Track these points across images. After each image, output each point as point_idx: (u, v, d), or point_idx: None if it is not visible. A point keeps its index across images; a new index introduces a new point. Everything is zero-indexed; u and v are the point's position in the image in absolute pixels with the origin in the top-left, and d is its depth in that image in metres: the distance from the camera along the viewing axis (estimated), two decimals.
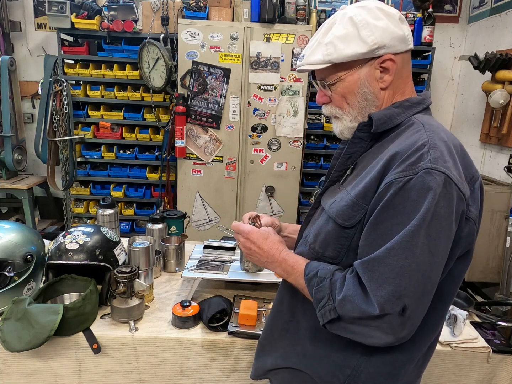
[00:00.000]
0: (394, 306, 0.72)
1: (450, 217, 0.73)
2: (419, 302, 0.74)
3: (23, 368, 1.24)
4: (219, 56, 2.96)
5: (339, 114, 0.91)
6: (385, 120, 0.85)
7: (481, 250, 2.58)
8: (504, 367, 1.28)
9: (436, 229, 0.72)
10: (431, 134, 0.79)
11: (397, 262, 0.72)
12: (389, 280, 0.72)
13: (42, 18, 3.53)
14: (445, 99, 3.65)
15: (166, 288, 1.54)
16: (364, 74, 0.86)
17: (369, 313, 0.73)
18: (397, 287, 0.72)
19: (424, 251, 0.72)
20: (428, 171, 0.72)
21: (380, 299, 0.72)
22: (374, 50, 0.83)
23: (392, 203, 0.74)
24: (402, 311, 0.72)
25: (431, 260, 0.73)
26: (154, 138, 3.35)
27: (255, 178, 3.19)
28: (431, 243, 0.72)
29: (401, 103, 0.88)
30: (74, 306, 1.21)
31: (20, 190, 3.27)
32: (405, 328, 0.74)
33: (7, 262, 1.28)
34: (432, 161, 0.73)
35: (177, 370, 1.27)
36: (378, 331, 0.75)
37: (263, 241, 0.96)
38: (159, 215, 1.78)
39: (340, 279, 0.80)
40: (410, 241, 0.72)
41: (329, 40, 0.84)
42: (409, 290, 0.72)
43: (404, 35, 0.86)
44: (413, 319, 0.74)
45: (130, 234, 3.43)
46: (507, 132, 2.66)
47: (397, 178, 0.74)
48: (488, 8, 3.13)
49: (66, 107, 3.18)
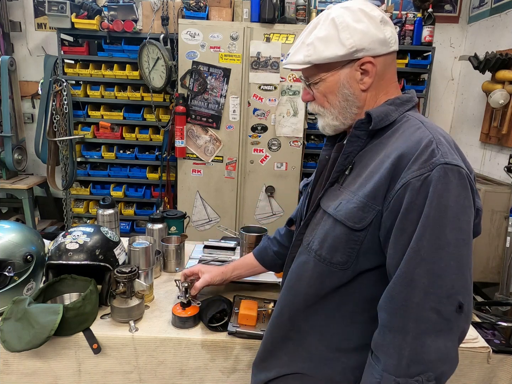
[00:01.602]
0: (448, 306, 0.72)
1: (471, 208, 0.76)
2: (468, 294, 0.74)
3: (23, 368, 1.24)
4: (219, 56, 2.96)
5: (321, 112, 0.94)
6: (383, 117, 0.86)
7: (481, 250, 2.58)
8: (504, 367, 1.27)
9: (464, 220, 0.74)
10: (433, 131, 0.80)
11: (433, 264, 0.72)
12: (434, 284, 0.72)
13: (42, 18, 3.53)
14: (445, 99, 3.65)
15: (166, 288, 1.54)
16: (344, 75, 0.87)
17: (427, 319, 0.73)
18: (442, 288, 0.72)
19: (458, 245, 0.73)
20: (443, 166, 0.73)
21: (431, 304, 0.72)
22: (352, 53, 0.84)
23: (415, 204, 0.74)
24: (460, 308, 0.73)
25: (466, 251, 0.74)
26: (154, 138, 3.35)
27: (255, 178, 3.19)
28: (463, 235, 0.73)
29: (393, 100, 0.89)
30: (74, 306, 1.21)
31: (20, 190, 3.27)
32: (467, 323, 0.75)
33: (7, 262, 1.28)
34: (444, 156, 0.75)
35: (177, 370, 1.27)
36: (448, 337, 0.73)
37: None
38: (159, 215, 1.78)
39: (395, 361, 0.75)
40: (438, 240, 0.72)
41: (311, 41, 0.87)
42: (456, 286, 0.72)
43: (385, 38, 0.85)
44: (469, 311, 0.75)
45: (130, 234, 3.43)
46: (507, 132, 2.66)
47: (414, 177, 0.74)
48: (488, 8, 3.13)
49: (66, 107, 3.18)
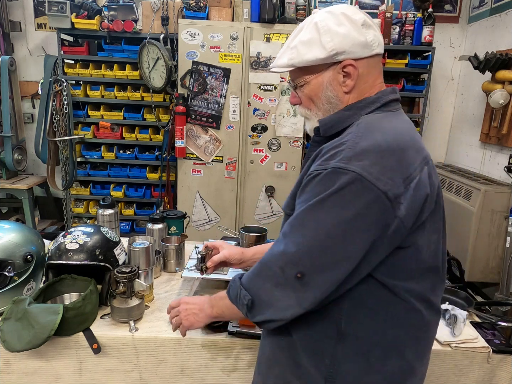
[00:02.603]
0: (291, 270, 0.81)
1: (358, 211, 0.77)
2: (319, 274, 0.80)
3: (24, 367, 1.24)
4: (219, 56, 2.96)
5: (308, 115, 0.96)
6: (332, 124, 0.90)
7: (481, 250, 2.58)
8: (504, 367, 1.28)
9: (333, 219, 0.78)
10: (359, 133, 0.82)
11: (295, 237, 0.82)
12: (290, 249, 0.82)
13: (42, 18, 3.53)
14: (445, 99, 3.65)
15: (166, 288, 1.54)
16: (327, 78, 0.89)
17: (273, 271, 0.84)
18: (293, 256, 0.81)
19: (317, 233, 0.80)
20: (334, 170, 0.78)
21: (280, 262, 0.83)
22: (332, 55, 0.86)
23: (306, 190, 0.84)
24: (301, 276, 0.80)
25: (326, 242, 0.79)
26: (154, 138, 3.35)
27: (255, 178, 3.19)
28: (323, 227, 0.79)
29: (353, 104, 0.90)
30: (74, 306, 1.21)
31: (20, 190, 3.27)
32: (307, 297, 0.81)
33: (7, 262, 1.28)
34: (342, 161, 0.78)
35: (178, 369, 1.27)
36: (283, 294, 0.83)
37: (194, 298, 1.12)
38: (159, 215, 1.78)
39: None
40: (301, 222, 0.82)
41: (294, 44, 0.89)
42: (306, 261, 0.80)
43: (366, 41, 0.87)
44: (313, 288, 0.81)
45: (130, 234, 3.43)
46: (507, 132, 2.66)
47: (313, 171, 0.82)
48: (488, 8, 3.13)
49: (66, 107, 3.18)
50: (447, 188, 2.95)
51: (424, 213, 0.82)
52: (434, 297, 0.90)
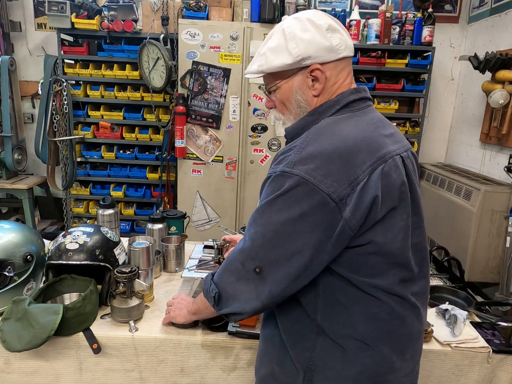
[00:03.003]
0: (249, 264, 0.87)
1: (304, 211, 0.81)
2: (273, 269, 0.85)
3: (24, 367, 1.24)
4: (219, 56, 2.96)
5: (282, 118, 0.99)
6: (297, 131, 0.93)
7: (481, 250, 2.58)
8: (504, 367, 1.28)
9: (278, 217, 0.83)
10: (307, 139, 0.85)
11: (251, 230, 0.88)
12: (248, 244, 0.88)
13: (42, 18, 3.53)
14: (445, 99, 3.65)
15: (166, 288, 1.54)
16: (297, 82, 0.92)
17: (235, 266, 0.89)
18: (250, 249, 0.87)
19: (268, 229, 0.85)
20: (281, 173, 0.84)
21: (240, 256, 0.89)
22: (299, 61, 0.88)
23: (261, 192, 0.91)
24: (258, 270, 0.86)
25: (276, 238, 0.84)
26: (154, 138, 3.35)
27: (255, 178, 3.19)
28: (273, 223, 0.84)
29: (315, 109, 0.93)
30: (74, 306, 1.21)
31: (20, 190, 3.27)
32: (264, 290, 0.86)
33: (7, 262, 1.28)
34: (288, 165, 0.83)
35: (178, 369, 1.27)
36: (244, 287, 0.88)
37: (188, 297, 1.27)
38: (159, 215, 1.78)
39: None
40: (254, 221, 0.88)
41: (263, 51, 0.93)
42: (262, 255, 0.86)
43: (332, 45, 0.89)
44: (270, 283, 0.86)
45: (130, 234, 3.43)
46: (507, 132, 2.66)
47: (268, 173, 0.90)
48: (488, 8, 3.13)
49: (66, 107, 3.18)
50: (447, 188, 2.95)
51: (378, 212, 0.82)
52: (405, 291, 0.90)
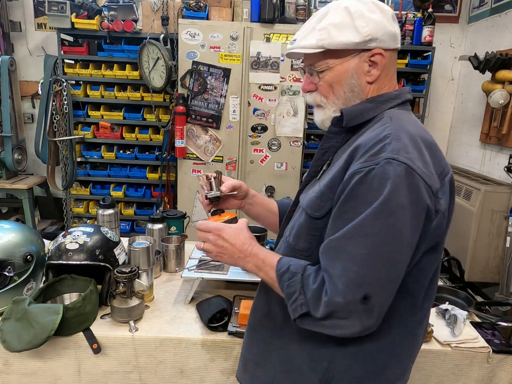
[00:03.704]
0: (354, 294, 0.72)
1: (414, 207, 0.73)
2: (383, 291, 0.74)
3: (23, 368, 1.24)
4: (219, 56, 2.96)
5: (324, 103, 0.90)
6: (356, 114, 0.86)
7: (481, 250, 2.58)
8: (504, 367, 1.28)
9: (398, 218, 0.72)
10: (396, 127, 0.79)
11: (357, 250, 0.73)
12: (351, 268, 0.73)
13: (42, 18, 3.53)
14: (445, 99, 3.65)
15: (166, 288, 1.54)
16: (353, 65, 0.85)
17: (335, 302, 0.73)
18: (358, 275, 0.72)
19: (386, 240, 0.72)
20: (388, 161, 0.72)
21: (342, 286, 0.73)
22: (366, 41, 0.83)
23: (355, 193, 0.75)
24: (364, 299, 0.72)
25: (394, 249, 0.73)
26: (154, 138, 3.35)
27: (255, 178, 3.19)
28: (394, 232, 0.72)
29: (374, 98, 0.88)
30: (74, 306, 1.21)
31: (20, 190, 3.27)
32: (371, 316, 0.74)
33: (7, 262, 1.28)
34: (394, 152, 0.73)
35: (177, 370, 1.27)
36: (344, 320, 0.74)
37: (236, 237, 0.92)
38: (159, 215, 1.78)
39: (312, 273, 0.80)
40: (369, 230, 0.72)
41: (324, 26, 0.84)
42: (370, 278, 0.72)
43: (395, 33, 0.86)
44: (379, 307, 0.74)
45: (130, 234, 3.43)
46: (507, 132, 2.66)
47: (360, 168, 0.75)
48: (488, 8, 3.13)
49: (66, 107, 3.18)
50: None
51: (451, 208, 0.82)
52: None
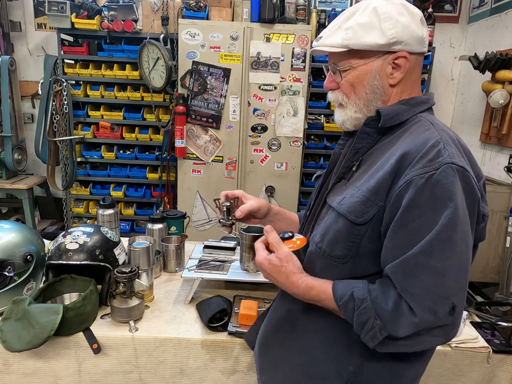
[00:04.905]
0: (444, 308, 0.72)
1: (474, 211, 0.76)
2: (463, 297, 0.75)
3: (23, 368, 1.24)
4: (219, 56, 2.96)
5: (345, 102, 0.91)
6: (393, 115, 0.86)
7: (481, 250, 2.55)
8: (504, 367, 1.28)
9: (467, 223, 0.74)
10: (442, 132, 0.80)
11: (440, 263, 0.72)
12: (437, 282, 0.72)
13: (42, 18, 3.53)
14: (445, 99, 3.65)
15: (166, 288, 1.54)
16: (376, 66, 0.85)
17: (425, 321, 0.72)
18: (444, 288, 0.72)
19: (463, 247, 0.73)
20: (450, 165, 0.73)
21: (429, 303, 0.72)
22: (391, 44, 0.83)
23: (418, 201, 0.73)
24: (452, 310, 0.72)
25: (468, 254, 0.75)
26: (154, 138, 3.35)
27: (255, 178, 3.19)
28: (466, 237, 0.74)
29: (407, 100, 0.88)
30: (74, 306, 1.21)
31: (20, 190, 3.27)
32: (455, 326, 0.75)
33: (7, 262, 1.28)
34: (451, 156, 0.74)
35: (177, 370, 1.27)
36: (430, 336, 0.75)
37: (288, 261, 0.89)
38: (159, 215, 1.78)
39: (379, 294, 0.78)
40: (448, 239, 0.72)
41: (350, 25, 0.84)
42: (455, 288, 0.73)
43: (423, 37, 0.86)
44: (459, 314, 0.75)
45: (130, 234, 3.43)
46: (507, 132, 2.66)
47: (418, 175, 0.74)
48: (488, 8, 3.12)
49: (66, 107, 3.18)
50: None
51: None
52: None
